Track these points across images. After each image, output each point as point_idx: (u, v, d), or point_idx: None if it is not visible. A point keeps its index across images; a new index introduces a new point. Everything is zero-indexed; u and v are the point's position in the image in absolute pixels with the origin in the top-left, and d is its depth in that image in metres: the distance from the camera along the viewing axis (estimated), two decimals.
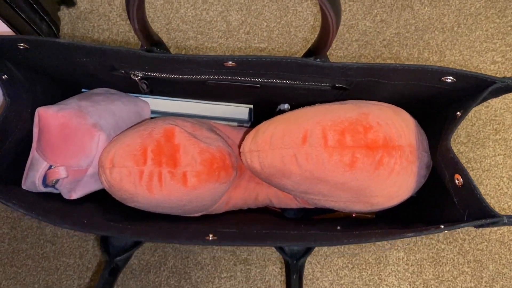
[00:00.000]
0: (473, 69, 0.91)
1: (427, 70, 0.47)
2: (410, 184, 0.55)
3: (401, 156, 0.52)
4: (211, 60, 0.50)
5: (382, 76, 0.51)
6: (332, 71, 0.51)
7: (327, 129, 0.53)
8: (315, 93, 0.60)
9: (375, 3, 0.94)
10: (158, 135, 0.57)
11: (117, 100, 0.66)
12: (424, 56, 0.91)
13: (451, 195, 0.52)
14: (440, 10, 0.94)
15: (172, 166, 0.55)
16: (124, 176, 0.55)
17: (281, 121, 0.58)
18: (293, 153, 0.54)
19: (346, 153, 0.52)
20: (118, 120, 0.63)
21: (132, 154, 0.56)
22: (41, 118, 0.58)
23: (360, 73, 0.51)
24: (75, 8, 0.93)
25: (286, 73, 0.54)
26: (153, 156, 0.55)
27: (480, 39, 0.92)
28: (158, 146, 0.56)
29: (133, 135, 0.58)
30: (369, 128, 0.52)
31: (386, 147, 0.52)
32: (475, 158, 0.87)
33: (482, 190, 0.86)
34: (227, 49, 0.92)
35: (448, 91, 0.53)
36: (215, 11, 0.93)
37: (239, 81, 0.57)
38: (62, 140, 0.57)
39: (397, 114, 0.55)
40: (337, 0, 0.40)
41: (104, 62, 0.55)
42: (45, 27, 0.78)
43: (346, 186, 0.54)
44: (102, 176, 0.58)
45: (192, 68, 0.54)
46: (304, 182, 0.56)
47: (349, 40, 0.92)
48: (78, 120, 0.58)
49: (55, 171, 0.57)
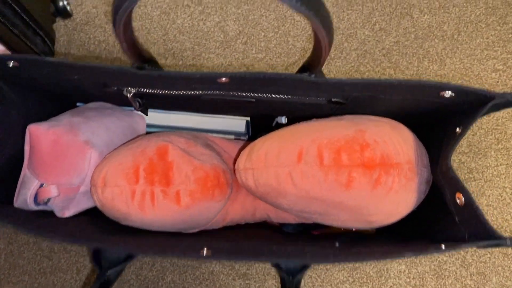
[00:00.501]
0: (474, 77, 0.89)
1: (425, 85, 0.46)
2: (409, 201, 0.54)
3: (399, 174, 0.51)
4: (204, 77, 0.49)
5: (379, 91, 0.50)
6: (327, 87, 0.50)
7: (323, 147, 0.51)
8: (312, 107, 0.59)
9: (373, 11, 0.93)
10: (151, 152, 0.56)
11: (111, 115, 0.65)
12: (424, 65, 0.90)
13: (452, 213, 0.50)
14: (440, 17, 0.92)
15: (165, 185, 0.54)
16: (116, 196, 0.54)
17: (276, 138, 0.57)
18: (288, 172, 0.53)
19: (342, 172, 0.50)
20: (112, 136, 0.62)
21: (124, 172, 0.55)
22: (32, 135, 0.57)
23: (356, 88, 0.50)
24: (71, 19, 0.92)
25: (281, 89, 0.53)
26: (146, 175, 0.54)
27: (481, 47, 0.91)
28: (151, 164, 0.55)
29: (125, 153, 0.57)
30: (366, 146, 0.51)
31: (384, 165, 0.50)
32: (477, 168, 0.86)
33: (484, 201, 0.85)
34: (224, 59, 0.91)
35: (447, 106, 0.52)
36: (212, 22, 0.93)
37: (233, 96, 0.56)
38: (53, 158, 0.56)
39: (395, 130, 0.54)
40: (328, 19, 0.38)
41: (95, 79, 0.54)
42: (39, 41, 0.77)
43: (343, 205, 0.53)
44: (94, 195, 0.56)
45: (185, 84, 0.53)
46: (300, 201, 0.54)
47: (348, 49, 0.91)
48: (70, 137, 0.57)
49: (46, 190, 0.56)
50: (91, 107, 0.66)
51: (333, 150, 0.51)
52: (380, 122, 0.55)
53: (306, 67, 0.49)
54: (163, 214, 0.55)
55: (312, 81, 0.49)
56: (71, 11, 0.91)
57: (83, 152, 0.57)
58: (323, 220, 0.58)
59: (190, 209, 0.55)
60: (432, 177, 0.56)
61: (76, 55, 0.91)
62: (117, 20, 0.36)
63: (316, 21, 0.36)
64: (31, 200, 0.57)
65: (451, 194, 0.50)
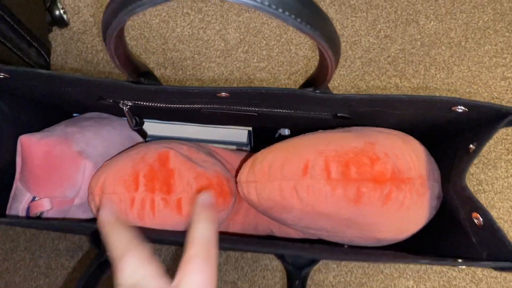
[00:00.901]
0: (483, 86, 0.87)
1: (437, 101, 0.43)
2: (420, 218, 0.51)
3: (411, 189, 0.48)
4: (202, 92, 0.47)
5: (387, 106, 0.47)
6: (333, 102, 0.48)
7: (330, 160, 0.49)
8: (316, 121, 0.56)
9: (378, 18, 0.91)
10: (151, 159, 0.54)
11: (107, 125, 0.63)
12: (430, 73, 0.87)
13: (468, 233, 0.47)
14: (447, 24, 0.90)
15: (165, 193, 0.52)
16: (114, 203, 0.52)
17: (280, 150, 0.54)
18: (293, 185, 0.50)
19: (351, 187, 0.48)
20: (108, 147, 0.60)
21: (123, 179, 0.52)
22: (23, 147, 0.54)
23: (363, 104, 0.47)
24: (67, 28, 0.90)
25: (284, 103, 0.50)
26: (146, 182, 0.52)
27: (489, 54, 0.88)
28: (151, 171, 0.53)
29: (124, 160, 0.55)
30: (376, 159, 0.48)
31: (395, 180, 0.47)
32: (486, 179, 0.83)
33: (494, 214, 0.82)
34: (225, 68, 0.88)
35: (459, 121, 0.49)
36: (212, 30, 0.90)
37: (234, 109, 0.54)
38: (46, 170, 0.54)
39: (406, 143, 0.51)
40: (335, 38, 0.36)
41: (89, 92, 0.52)
42: (34, 53, 0.75)
43: (351, 222, 0.50)
44: (91, 204, 0.54)
45: (184, 98, 0.51)
46: (306, 217, 0.52)
47: (352, 57, 0.89)
48: (63, 147, 0.55)
49: (38, 204, 0.54)
50: (87, 117, 0.64)
51: (341, 163, 0.48)
52: (390, 135, 0.52)
53: (311, 82, 0.47)
54: (163, 223, 0.52)
55: (316, 96, 0.46)
56: (68, 20, 0.89)
57: (77, 164, 0.55)
58: (329, 237, 0.55)
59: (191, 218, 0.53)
60: (442, 193, 0.54)
61: (73, 65, 0.89)
62: (107, 37, 0.33)
63: (323, 41, 0.33)
64: (23, 214, 0.55)
65: (466, 213, 0.47)
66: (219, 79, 0.88)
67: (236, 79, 0.88)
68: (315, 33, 0.33)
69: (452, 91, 0.86)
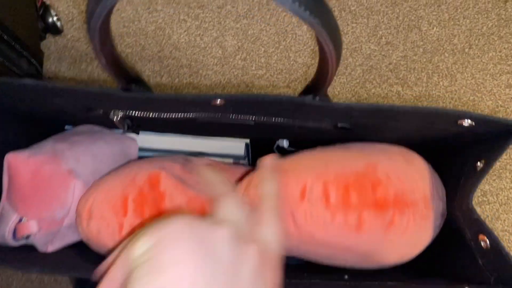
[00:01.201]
0: (487, 93, 0.84)
1: (442, 113, 0.41)
2: (424, 240, 0.48)
3: (415, 212, 0.46)
4: (196, 100, 0.45)
5: (390, 117, 0.45)
6: (333, 112, 0.45)
7: (329, 183, 0.46)
8: (315, 131, 0.54)
9: (379, 24, 0.89)
10: (141, 181, 0.51)
11: (99, 140, 0.60)
12: (433, 81, 0.85)
13: (474, 255, 0.45)
14: (450, 30, 0.88)
15: (156, 218, 0.49)
16: (102, 229, 0.50)
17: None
18: (290, 211, 0.47)
19: (352, 214, 0.45)
20: (99, 164, 0.57)
21: (111, 203, 0.50)
22: (10, 165, 0.52)
23: (365, 114, 0.45)
24: (61, 36, 0.88)
25: (282, 112, 0.48)
26: (135, 207, 0.49)
27: (494, 61, 0.86)
28: (141, 195, 0.50)
29: (114, 181, 0.52)
30: (378, 183, 0.45)
31: (398, 204, 0.45)
32: (491, 190, 0.81)
33: (499, 226, 0.79)
34: (223, 76, 0.86)
35: (465, 135, 0.46)
36: (209, 37, 0.88)
37: (230, 119, 0.52)
38: (34, 189, 0.51)
39: (410, 164, 0.49)
40: (336, 30, 0.34)
41: (78, 102, 0.50)
42: (25, 63, 0.73)
43: (352, 250, 0.47)
44: (79, 227, 0.52)
45: (177, 107, 0.48)
46: (303, 245, 0.49)
47: (353, 64, 0.87)
48: (52, 166, 0.52)
49: (25, 226, 0.51)
50: (79, 131, 0.62)
51: (341, 188, 0.45)
52: (393, 155, 0.50)
53: (310, 88, 0.44)
54: None
55: (316, 104, 0.44)
56: (62, 27, 0.87)
57: (66, 183, 0.52)
58: (330, 263, 0.53)
59: None
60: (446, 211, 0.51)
61: (67, 73, 0.87)
62: (91, 26, 0.31)
63: (323, 31, 0.31)
64: (9, 236, 0.52)
65: (472, 234, 0.45)
66: (216, 87, 0.86)
67: (234, 87, 0.86)
68: (314, 21, 0.30)
69: (456, 99, 0.84)
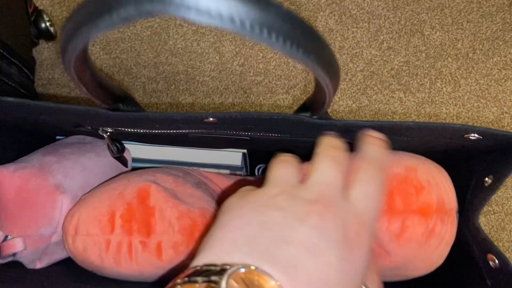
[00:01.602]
0: (491, 99, 0.82)
1: (448, 128, 0.39)
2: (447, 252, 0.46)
3: (452, 222, 0.43)
4: (187, 118, 0.42)
5: (393, 133, 0.42)
6: (333, 128, 0.43)
7: None
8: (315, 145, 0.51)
9: (381, 28, 0.86)
10: (130, 196, 0.49)
11: (90, 152, 0.58)
12: (436, 86, 0.83)
13: (482, 273, 0.43)
14: (453, 34, 0.85)
15: (144, 235, 0.47)
16: (88, 246, 0.47)
17: None
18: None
19: (396, 220, 0.43)
20: (89, 177, 0.55)
21: (97, 219, 0.47)
22: None
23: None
24: (55, 42, 0.86)
25: (279, 128, 0.46)
26: (122, 223, 0.47)
27: (498, 66, 0.84)
28: (129, 210, 0.48)
29: (101, 196, 0.50)
30: (421, 188, 0.43)
31: (440, 212, 0.42)
32: (496, 200, 0.78)
33: (505, 236, 0.77)
34: (220, 83, 0.84)
35: (472, 148, 0.44)
36: (206, 42, 0.86)
37: (224, 134, 0.49)
38: (19, 206, 0.49)
39: (440, 170, 0.46)
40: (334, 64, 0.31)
41: (64, 119, 0.48)
42: (15, 71, 0.70)
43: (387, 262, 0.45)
44: (65, 244, 0.50)
45: (168, 124, 0.46)
46: None
47: (353, 70, 0.84)
48: (38, 181, 0.50)
49: (10, 244, 0.49)
50: (69, 142, 0.60)
51: (386, 193, 0.43)
52: (426, 160, 0.47)
53: (308, 106, 0.42)
54: (141, 269, 0.47)
55: (314, 123, 0.41)
56: (55, 33, 0.85)
57: (53, 198, 0.50)
58: None
59: (173, 264, 0.48)
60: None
61: (60, 80, 0.85)
62: (65, 62, 0.29)
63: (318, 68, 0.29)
64: None
65: (480, 252, 0.43)
66: (214, 93, 0.84)
67: (232, 93, 0.84)
68: (308, 59, 0.28)
69: (459, 106, 0.82)
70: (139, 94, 0.84)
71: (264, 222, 0.30)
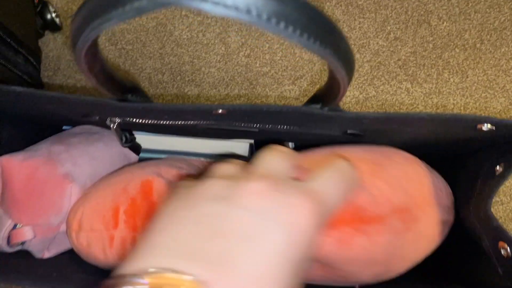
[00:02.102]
0: (499, 90, 0.82)
1: (461, 119, 0.38)
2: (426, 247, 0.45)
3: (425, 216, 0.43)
4: (197, 110, 0.42)
5: (404, 124, 0.42)
6: (343, 120, 0.43)
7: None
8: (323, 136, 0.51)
9: (388, 19, 0.86)
10: (134, 190, 0.48)
11: (97, 141, 0.58)
12: (443, 77, 0.82)
13: (493, 262, 0.42)
14: (461, 25, 0.85)
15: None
16: (92, 241, 0.47)
17: None
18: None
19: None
20: (97, 166, 0.55)
21: (101, 215, 0.47)
22: (4, 169, 0.50)
23: (377, 122, 0.42)
24: (60, 33, 0.86)
25: (288, 120, 0.45)
26: (126, 218, 0.47)
27: (506, 57, 0.83)
28: (133, 205, 0.47)
29: (105, 190, 0.49)
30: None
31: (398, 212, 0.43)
32: (504, 190, 0.78)
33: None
34: (226, 74, 0.84)
35: (484, 138, 0.44)
36: (212, 33, 0.85)
37: (233, 125, 0.49)
38: (28, 195, 0.49)
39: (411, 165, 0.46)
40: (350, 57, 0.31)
41: (72, 109, 0.47)
42: (22, 61, 0.70)
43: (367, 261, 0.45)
44: (69, 238, 0.50)
45: (176, 116, 0.46)
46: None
47: (360, 61, 0.84)
48: (47, 169, 0.50)
49: (19, 232, 0.49)
50: (76, 132, 0.60)
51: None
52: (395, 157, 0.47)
53: (318, 97, 0.42)
54: None
55: (325, 115, 0.41)
56: (61, 24, 0.85)
57: (62, 187, 0.50)
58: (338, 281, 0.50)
59: None
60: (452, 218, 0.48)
61: (66, 71, 0.84)
62: (76, 54, 0.28)
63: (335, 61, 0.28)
64: (4, 242, 0.50)
65: (491, 241, 0.42)
66: (220, 85, 0.83)
67: (238, 85, 0.83)
68: (325, 52, 0.28)
69: (467, 96, 0.81)
70: (145, 85, 0.84)
71: (195, 216, 0.27)
